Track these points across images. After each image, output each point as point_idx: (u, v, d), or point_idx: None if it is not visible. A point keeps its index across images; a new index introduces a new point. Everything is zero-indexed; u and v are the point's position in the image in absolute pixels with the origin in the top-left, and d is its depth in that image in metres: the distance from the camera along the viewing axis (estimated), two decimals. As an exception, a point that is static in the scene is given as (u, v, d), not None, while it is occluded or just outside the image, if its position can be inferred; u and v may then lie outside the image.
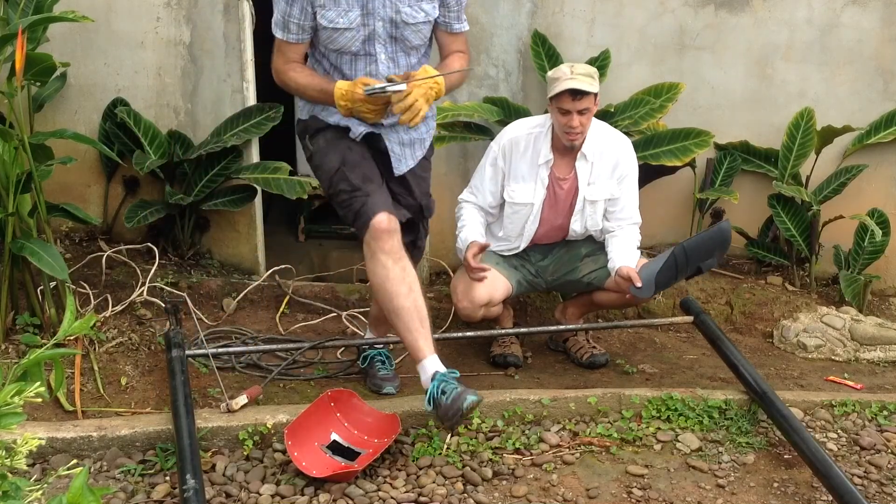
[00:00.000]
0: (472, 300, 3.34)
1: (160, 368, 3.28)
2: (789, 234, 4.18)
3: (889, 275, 4.41)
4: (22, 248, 3.10)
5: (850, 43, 4.22)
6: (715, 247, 3.35)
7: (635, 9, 4.19)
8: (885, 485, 2.71)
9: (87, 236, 4.14)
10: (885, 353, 3.87)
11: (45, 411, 2.95)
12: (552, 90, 3.24)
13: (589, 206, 3.42)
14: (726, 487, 2.67)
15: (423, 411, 2.85)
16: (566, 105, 3.22)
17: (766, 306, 4.11)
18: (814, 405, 3.12)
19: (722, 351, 3.28)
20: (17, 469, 1.17)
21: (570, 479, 2.67)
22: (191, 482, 2.32)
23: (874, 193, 4.33)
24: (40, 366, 1.21)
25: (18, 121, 3.12)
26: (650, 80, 4.20)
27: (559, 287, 3.70)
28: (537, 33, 4.13)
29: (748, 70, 4.27)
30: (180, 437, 2.54)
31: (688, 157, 3.99)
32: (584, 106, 3.22)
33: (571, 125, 3.23)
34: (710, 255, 3.31)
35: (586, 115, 3.25)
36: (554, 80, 3.25)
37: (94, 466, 2.60)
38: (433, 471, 2.65)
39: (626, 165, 3.42)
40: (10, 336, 3.29)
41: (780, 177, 4.17)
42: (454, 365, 3.57)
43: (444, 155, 4.11)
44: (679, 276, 3.31)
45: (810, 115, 4.15)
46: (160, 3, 3.97)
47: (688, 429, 2.96)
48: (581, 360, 3.63)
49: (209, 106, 4.08)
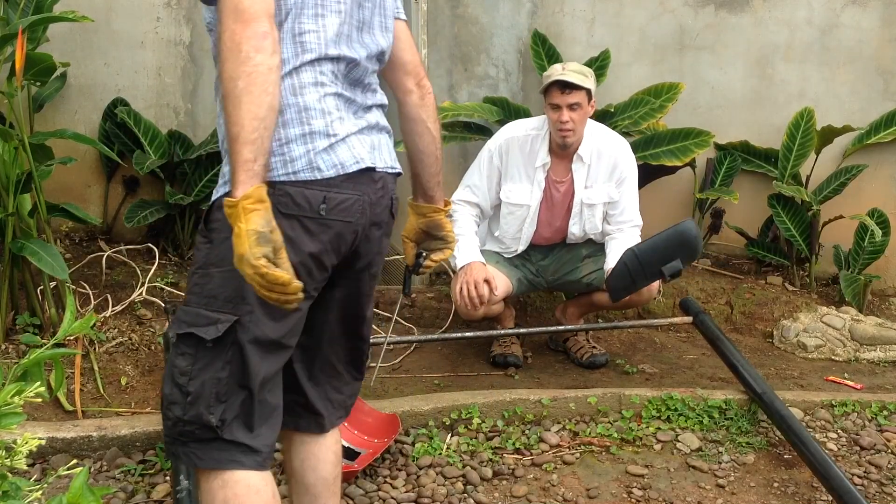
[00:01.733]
0: (472, 298, 3.34)
1: (160, 368, 3.28)
2: (789, 234, 4.18)
3: (889, 275, 4.42)
4: (22, 248, 3.10)
5: (850, 43, 4.22)
6: (673, 249, 3.14)
7: (635, 9, 4.19)
8: (885, 485, 2.71)
9: (87, 236, 4.14)
10: (885, 353, 3.87)
11: (45, 411, 2.95)
12: (543, 85, 3.28)
13: (587, 210, 3.42)
14: (726, 487, 2.67)
15: (422, 411, 2.85)
16: (556, 99, 3.23)
17: (766, 306, 4.11)
18: (814, 405, 3.12)
19: (721, 351, 3.28)
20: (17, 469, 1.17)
21: (570, 479, 2.67)
22: (184, 483, 2.32)
23: (874, 193, 4.33)
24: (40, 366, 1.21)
25: (18, 121, 3.12)
26: (650, 80, 4.20)
27: (559, 287, 3.70)
28: (537, 33, 4.13)
29: (748, 70, 4.27)
30: None
31: (688, 157, 3.99)
32: (573, 100, 3.22)
33: (562, 120, 3.23)
34: (670, 258, 3.13)
35: (578, 112, 3.25)
36: (546, 77, 3.29)
37: (94, 466, 2.60)
38: (433, 471, 2.65)
39: (624, 168, 3.41)
40: (10, 336, 3.29)
41: (780, 177, 4.18)
42: (454, 365, 3.59)
43: (444, 155, 4.11)
44: (638, 281, 3.18)
45: (810, 115, 4.16)
46: (160, 3, 3.97)
47: (688, 429, 2.96)
48: (581, 360, 3.63)
49: (209, 106, 4.08)
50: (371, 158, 1.72)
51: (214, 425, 1.63)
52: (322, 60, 1.69)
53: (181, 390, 1.64)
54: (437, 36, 4.18)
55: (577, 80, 3.20)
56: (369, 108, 1.80)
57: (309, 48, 1.67)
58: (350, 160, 1.68)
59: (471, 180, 3.45)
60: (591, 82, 3.28)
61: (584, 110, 3.27)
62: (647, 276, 3.17)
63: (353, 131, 1.71)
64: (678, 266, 3.13)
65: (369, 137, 1.76)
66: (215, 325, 1.62)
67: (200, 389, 1.63)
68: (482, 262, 3.30)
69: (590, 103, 3.29)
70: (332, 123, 1.67)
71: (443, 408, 2.88)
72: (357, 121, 1.74)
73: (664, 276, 3.15)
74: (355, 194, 1.70)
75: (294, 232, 1.62)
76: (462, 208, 3.43)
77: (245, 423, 1.67)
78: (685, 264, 3.19)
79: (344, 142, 1.68)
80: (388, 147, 1.82)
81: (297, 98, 1.65)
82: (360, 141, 1.72)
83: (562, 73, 3.21)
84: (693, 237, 3.18)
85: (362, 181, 1.71)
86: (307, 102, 1.66)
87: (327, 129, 1.66)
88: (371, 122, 1.78)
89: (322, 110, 1.67)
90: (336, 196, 1.66)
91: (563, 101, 3.22)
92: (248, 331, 1.63)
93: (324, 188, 1.65)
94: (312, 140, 1.65)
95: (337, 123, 1.68)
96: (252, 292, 1.56)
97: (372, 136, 1.77)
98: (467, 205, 3.44)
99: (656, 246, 3.15)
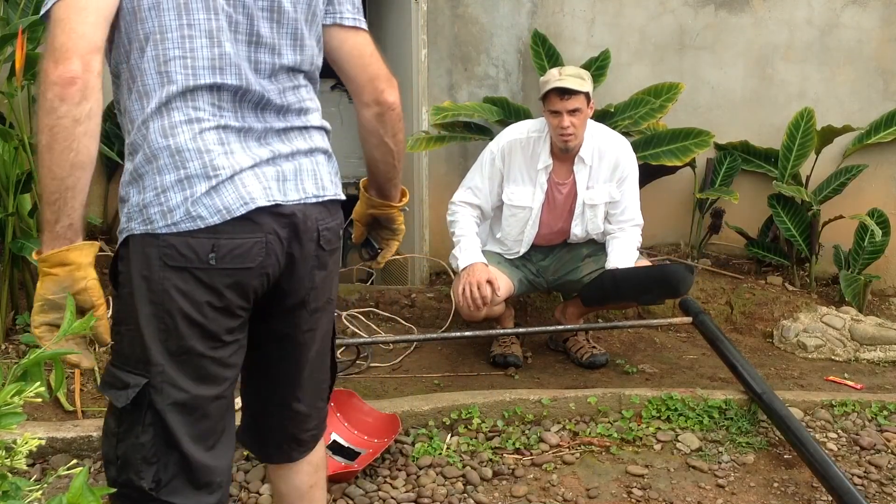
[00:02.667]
0: (475, 299, 3.34)
1: (160, 368, 3.27)
2: (789, 234, 4.18)
3: (889, 275, 4.42)
4: (22, 248, 3.10)
5: (850, 43, 4.22)
6: (652, 285, 3.22)
7: (635, 9, 4.19)
8: (885, 485, 2.71)
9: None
10: (885, 353, 3.87)
11: (45, 411, 2.95)
12: (541, 92, 3.28)
13: (589, 210, 3.42)
14: (726, 487, 2.67)
15: (422, 411, 2.85)
16: (555, 105, 3.23)
17: (766, 306, 4.11)
18: (814, 405, 3.12)
19: (721, 351, 3.28)
20: (17, 469, 1.17)
21: (570, 479, 2.67)
22: None
23: (874, 193, 4.33)
24: (40, 366, 1.21)
25: (18, 121, 3.12)
26: (650, 80, 4.20)
27: (560, 287, 3.70)
28: (537, 33, 4.13)
29: (748, 70, 4.27)
30: None
31: (688, 157, 3.99)
32: (573, 106, 3.22)
33: (563, 126, 3.24)
34: (647, 291, 3.19)
35: (577, 117, 3.25)
36: (543, 84, 3.29)
37: (94, 466, 2.60)
38: (433, 471, 2.65)
39: (625, 167, 3.42)
40: (10, 336, 3.29)
41: (780, 177, 4.18)
42: (454, 365, 3.59)
43: (444, 155, 4.11)
44: (610, 300, 3.26)
45: (810, 115, 4.16)
46: (160, 3, 3.97)
47: (688, 429, 2.95)
48: (581, 360, 3.63)
49: (209, 106, 4.07)
50: (272, 194, 1.51)
51: (147, 489, 1.50)
52: (195, 91, 1.48)
53: (113, 452, 1.52)
54: (437, 36, 4.18)
55: (576, 84, 3.20)
56: (284, 132, 1.58)
57: (174, 79, 1.46)
58: (236, 203, 1.47)
59: (472, 182, 3.45)
60: (589, 85, 3.28)
61: (584, 113, 3.27)
62: (619, 298, 3.27)
63: (247, 165, 1.50)
64: (653, 299, 3.24)
65: (275, 168, 1.53)
66: (126, 391, 1.49)
67: (127, 453, 1.50)
68: (484, 262, 3.31)
69: (589, 105, 3.29)
70: (214, 161, 1.47)
71: (443, 408, 2.88)
72: (258, 150, 1.53)
73: (641, 303, 3.22)
74: (252, 238, 1.50)
75: (187, 285, 1.48)
76: (462, 209, 3.43)
77: (188, 479, 1.53)
78: (660, 301, 3.27)
79: (231, 181, 1.48)
80: (314, 172, 1.60)
81: (168, 140, 1.46)
82: (256, 176, 1.50)
83: (559, 80, 3.21)
84: (676, 281, 3.24)
85: (262, 220, 1.50)
86: (179, 144, 1.46)
87: (205, 170, 1.46)
88: (283, 150, 1.55)
89: (198, 150, 1.47)
90: (227, 243, 1.48)
91: (562, 107, 3.22)
92: (162, 393, 1.49)
93: (211, 235, 1.47)
94: (190, 185, 1.46)
95: (221, 159, 1.48)
96: (159, 351, 1.47)
97: (282, 164, 1.55)
98: (468, 206, 3.44)
99: (637, 276, 3.24)
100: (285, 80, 1.59)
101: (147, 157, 1.48)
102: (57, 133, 1.36)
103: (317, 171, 1.61)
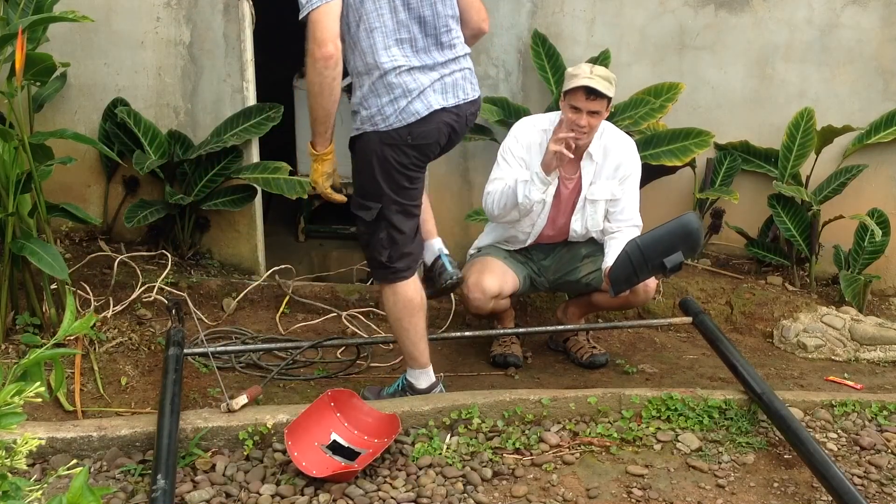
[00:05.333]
0: (484, 290, 3.34)
1: (160, 368, 3.28)
2: (789, 234, 4.18)
3: (889, 275, 4.41)
4: (22, 248, 3.10)
5: (850, 43, 4.22)
6: (676, 241, 3.13)
7: (635, 9, 4.19)
8: (885, 485, 2.71)
9: (87, 236, 4.14)
10: (885, 353, 3.87)
11: (45, 411, 2.95)
12: (568, 84, 3.23)
13: (589, 206, 3.42)
14: (726, 487, 2.67)
15: (422, 411, 2.85)
16: (579, 102, 3.21)
17: (766, 306, 4.11)
18: (814, 405, 3.11)
19: (721, 351, 3.28)
20: (17, 469, 1.17)
21: (570, 479, 2.67)
22: (161, 482, 2.31)
23: (874, 193, 4.33)
24: (40, 366, 1.21)
25: (18, 121, 3.12)
26: (650, 80, 4.20)
27: (560, 287, 3.70)
28: (537, 33, 4.13)
29: (748, 70, 4.27)
30: (160, 435, 2.53)
31: (688, 157, 3.99)
32: (595, 108, 3.21)
33: (579, 123, 3.22)
34: (672, 249, 3.11)
35: (596, 118, 3.24)
36: (572, 77, 3.23)
37: (94, 466, 2.60)
38: (433, 471, 2.65)
39: (629, 166, 3.42)
40: (10, 336, 3.29)
41: (780, 177, 4.17)
42: (454, 365, 3.59)
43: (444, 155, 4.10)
44: (640, 273, 3.16)
45: (810, 115, 4.15)
46: (160, 3, 3.97)
47: (688, 429, 2.95)
48: (581, 360, 3.63)
49: (209, 106, 4.08)
50: (442, 101, 2.74)
51: (384, 261, 2.89)
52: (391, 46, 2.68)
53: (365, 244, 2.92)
54: (437, 36, 4.16)
55: (604, 88, 3.17)
56: (445, 63, 2.77)
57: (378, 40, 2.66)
58: (423, 109, 2.72)
59: (498, 173, 3.40)
60: (613, 90, 3.25)
61: (601, 117, 3.27)
62: (650, 268, 3.15)
63: (427, 85, 2.72)
64: (679, 258, 3.11)
65: (442, 83, 2.76)
66: (370, 211, 2.82)
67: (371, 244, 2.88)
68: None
69: (606, 110, 3.28)
70: (408, 86, 2.69)
71: (443, 408, 2.89)
72: (430, 74, 2.73)
73: (665, 268, 3.11)
74: (432, 126, 2.75)
75: (396, 153, 2.75)
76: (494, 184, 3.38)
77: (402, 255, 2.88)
78: (686, 257, 3.18)
79: (419, 97, 2.71)
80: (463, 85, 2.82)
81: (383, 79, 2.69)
82: (434, 90, 2.73)
83: (590, 78, 3.17)
84: (695, 229, 3.17)
85: (437, 117, 2.75)
86: (389, 80, 2.69)
87: (405, 93, 2.69)
88: (446, 72, 2.77)
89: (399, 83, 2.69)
90: (417, 130, 2.74)
91: (585, 106, 3.21)
92: (389, 209, 2.81)
93: (409, 127, 2.73)
94: (397, 102, 2.70)
95: (412, 84, 2.70)
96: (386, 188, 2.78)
97: (446, 80, 2.77)
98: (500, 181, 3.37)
99: (659, 237, 3.13)
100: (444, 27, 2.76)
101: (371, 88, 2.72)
102: (324, 87, 2.62)
103: (465, 84, 2.84)
